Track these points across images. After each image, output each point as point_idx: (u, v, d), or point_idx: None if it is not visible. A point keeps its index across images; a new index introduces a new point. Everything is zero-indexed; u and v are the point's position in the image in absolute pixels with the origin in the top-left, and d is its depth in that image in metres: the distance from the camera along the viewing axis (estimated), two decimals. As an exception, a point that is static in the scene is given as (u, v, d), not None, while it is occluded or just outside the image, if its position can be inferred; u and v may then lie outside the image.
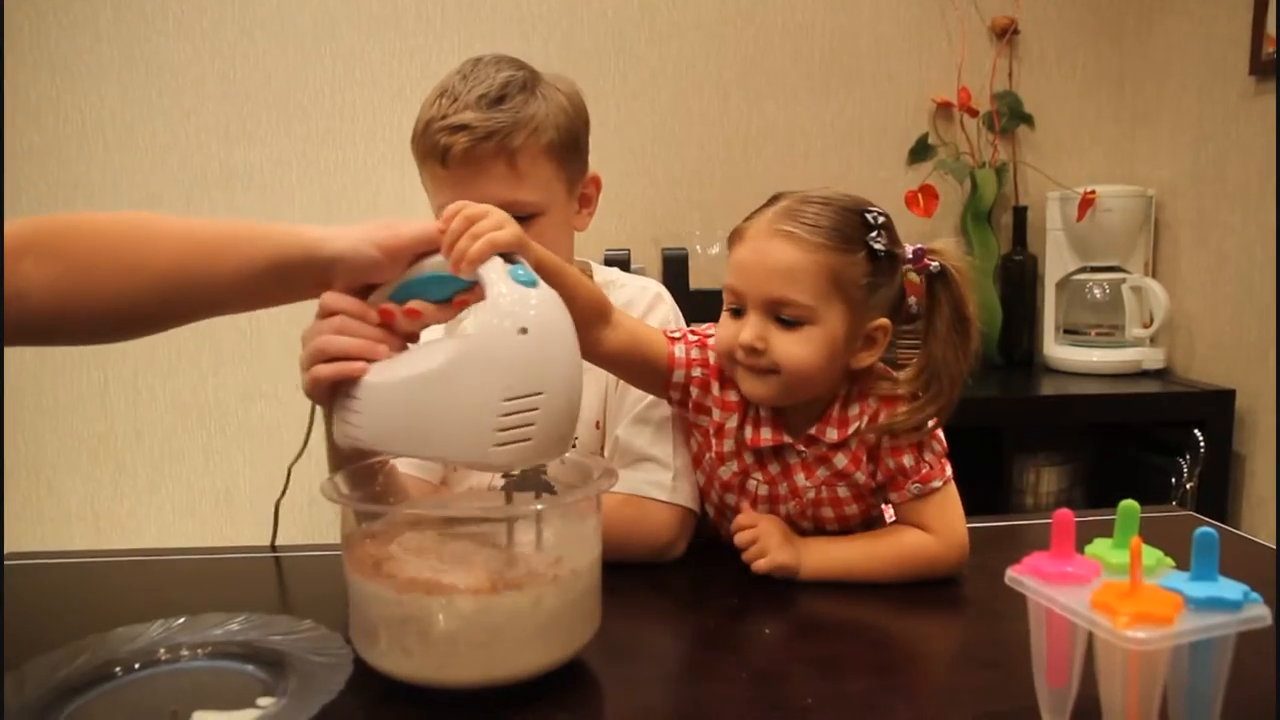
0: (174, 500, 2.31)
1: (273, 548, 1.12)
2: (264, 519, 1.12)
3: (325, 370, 0.80)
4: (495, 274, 0.76)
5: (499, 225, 0.79)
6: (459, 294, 0.81)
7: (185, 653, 0.80)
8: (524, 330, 0.73)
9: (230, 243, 0.79)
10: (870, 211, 0.97)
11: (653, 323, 1.16)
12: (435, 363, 0.75)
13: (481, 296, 0.76)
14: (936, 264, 0.98)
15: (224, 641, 0.82)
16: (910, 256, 0.98)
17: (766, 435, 1.01)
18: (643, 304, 1.19)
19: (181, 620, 0.84)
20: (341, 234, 0.80)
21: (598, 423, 1.16)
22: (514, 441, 0.73)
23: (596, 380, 1.15)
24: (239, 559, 1.12)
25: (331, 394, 0.81)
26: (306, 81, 2.23)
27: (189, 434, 2.30)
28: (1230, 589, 0.64)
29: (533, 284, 0.76)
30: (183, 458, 2.30)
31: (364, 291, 0.82)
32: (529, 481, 0.87)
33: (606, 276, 1.24)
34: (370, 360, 0.79)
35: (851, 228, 0.95)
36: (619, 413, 1.12)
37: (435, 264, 0.81)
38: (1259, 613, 0.64)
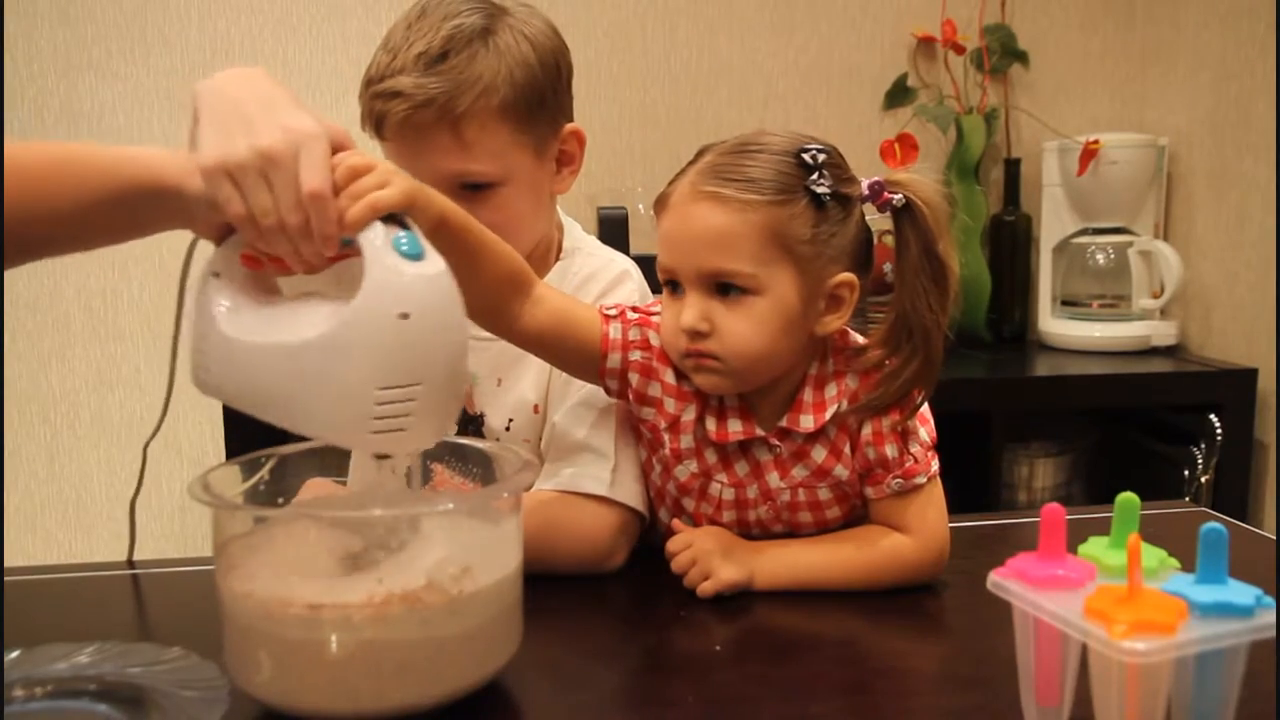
0: (8, 511, 2.26)
1: (130, 563, 1.11)
2: (124, 529, 1.10)
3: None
4: (375, 244, 0.76)
5: (383, 182, 0.78)
6: (341, 250, 0.81)
7: (19, 693, 0.79)
8: (405, 315, 0.74)
9: (64, 169, 0.78)
10: (808, 150, 0.97)
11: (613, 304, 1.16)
12: (304, 335, 0.76)
13: (360, 254, 0.77)
14: (900, 198, 0.98)
15: (69, 677, 0.80)
16: (866, 192, 0.99)
17: (735, 427, 1.02)
18: (603, 281, 1.19)
19: (15, 654, 0.83)
20: None
21: (537, 406, 1.16)
22: (389, 430, 0.76)
23: (538, 359, 1.15)
24: (89, 578, 1.10)
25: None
26: (167, 2, 2.18)
27: (28, 431, 2.25)
28: (1241, 593, 0.66)
29: (418, 256, 0.77)
30: (20, 460, 2.25)
31: (228, 231, 0.81)
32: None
33: (576, 243, 1.24)
34: None
35: (787, 174, 0.95)
36: (562, 397, 1.13)
37: None
38: (1273, 619, 0.65)
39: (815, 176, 0.95)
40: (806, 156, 0.96)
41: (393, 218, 0.78)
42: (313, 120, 0.77)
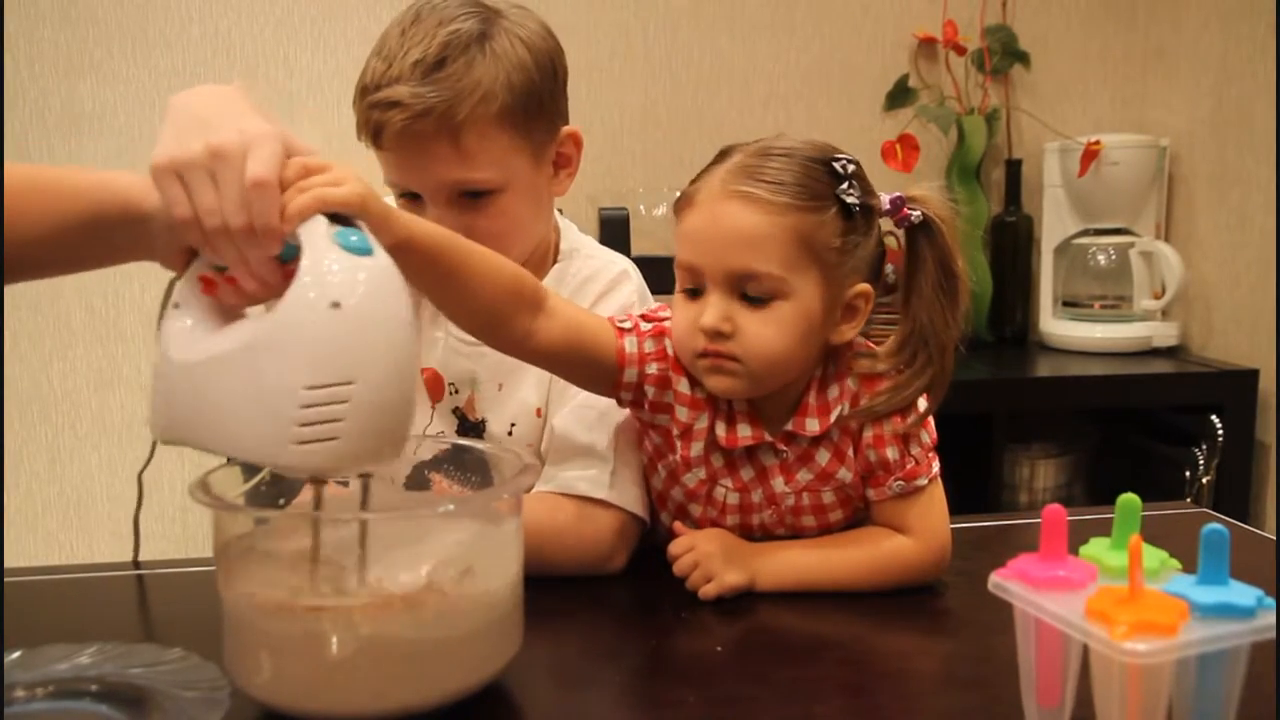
0: (9, 512, 2.26)
1: (135, 564, 1.11)
2: (125, 531, 1.10)
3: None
4: (315, 235, 0.73)
5: (336, 181, 0.76)
6: (291, 263, 0.75)
7: (20, 693, 0.79)
8: (336, 304, 0.70)
9: (35, 193, 0.78)
10: (838, 159, 0.97)
11: (611, 306, 1.16)
12: (234, 342, 0.73)
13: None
14: (918, 213, 0.99)
15: (71, 678, 0.80)
16: (887, 207, 0.99)
17: (745, 432, 1.01)
18: (602, 282, 1.18)
19: (16, 655, 0.82)
20: None
21: (539, 410, 1.16)
22: (317, 440, 0.70)
23: None
24: (91, 579, 1.10)
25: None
26: (168, 3, 2.19)
27: (30, 431, 2.25)
28: (1242, 594, 0.66)
29: (365, 251, 0.73)
30: (21, 460, 2.25)
31: (189, 255, 0.80)
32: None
33: (574, 244, 1.23)
34: None
35: (818, 181, 0.96)
36: (562, 400, 1.13)
37: None
38: (1274, 620, 0.66)
39: (845, 186, 0.96)
40: (838, 165, 0.97)
41: (347, 221, 0.75)
42: (272, 126, 0.75)
